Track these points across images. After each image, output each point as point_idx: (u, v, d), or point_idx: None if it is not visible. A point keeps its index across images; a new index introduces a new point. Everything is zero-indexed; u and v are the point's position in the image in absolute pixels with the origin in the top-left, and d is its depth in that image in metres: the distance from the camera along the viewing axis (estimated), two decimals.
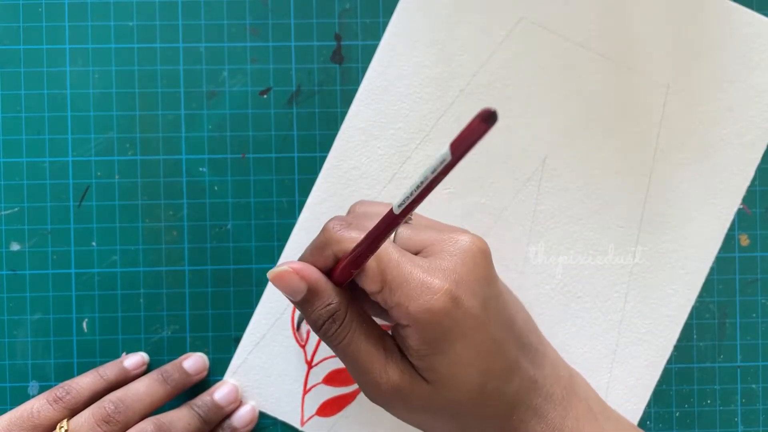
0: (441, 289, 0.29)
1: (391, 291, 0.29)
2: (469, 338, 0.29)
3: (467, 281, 0.29)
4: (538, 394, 0.32)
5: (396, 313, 0.29)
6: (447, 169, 0.23)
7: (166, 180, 0.38)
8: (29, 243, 0.37)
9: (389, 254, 0.29)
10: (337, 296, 0.30)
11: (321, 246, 0.30)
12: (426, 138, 0.38)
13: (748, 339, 0.39)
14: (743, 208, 0.39)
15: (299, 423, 0.38)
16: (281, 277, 0.30)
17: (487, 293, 0.30)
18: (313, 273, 0.30)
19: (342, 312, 0.30)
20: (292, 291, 0.30)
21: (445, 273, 0.29)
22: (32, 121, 0.37)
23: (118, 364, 0.36)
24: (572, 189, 0.38)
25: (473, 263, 0.30)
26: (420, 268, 0.29)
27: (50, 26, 0.37)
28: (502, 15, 0.38)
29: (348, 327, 0.30)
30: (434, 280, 0.29)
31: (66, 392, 0.33)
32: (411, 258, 0.30)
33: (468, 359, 0.29)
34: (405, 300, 0.29)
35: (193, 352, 0.37)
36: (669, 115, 0.38)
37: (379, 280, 0.29)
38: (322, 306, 0.30)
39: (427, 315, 0.28)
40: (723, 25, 0.38)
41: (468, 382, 0.30)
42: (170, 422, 0.33)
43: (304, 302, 0.30)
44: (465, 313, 0.29)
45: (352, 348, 0.30)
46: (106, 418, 0.32)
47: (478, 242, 0.30)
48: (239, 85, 0.38)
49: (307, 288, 0.30)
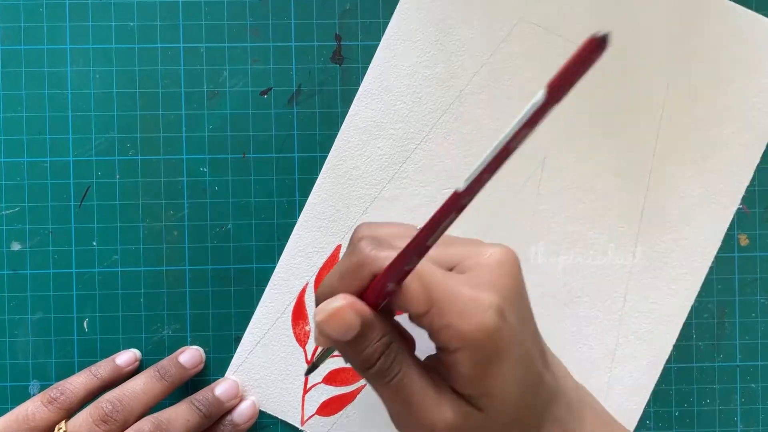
0: (492, 305, 0.26)
1: (440, 311, 0.26)
2: (513, 354, 0.27)
3: (508, 294, 0.27)
4: (560, 405, 0.30)
5: (445, 335, 0.26)
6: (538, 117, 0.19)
7: (167, 180, 0.38)
8: (30, 243, 0.37)
9: (431, 271, 0.26)
10: (387, 326, 0.27)
11: (355, 268, 0.27)
12: (426, 138, 0.38)
13: (747, 338, 0.39)
14: (743, 208, 0.39)
15: (299, 422, 0.38)
16: (335, 315, 0.26)
17: (522, 306, 0.28)
18: (363, 305, 0.26)
19: (396, 343, 0.27)
20: (346, 330, 0.26)
21: (489, 287, 0.27)
22: (33, 121, 0.37)
23: (110, 362, 0.36)
24: (572, 189, 0.38)
25: (509, 275, 0.28)
26: (466, 284, 0.26)
27: (51, 26, 0.37)
28: (501, 15, 0.38)
29: (401, 360, 0.27)
30: (483, 294, 0.26)
31: (60, 393, 0.33)
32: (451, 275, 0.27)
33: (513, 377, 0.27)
34: (457, 319, 0.26)
35: (188, 345, 0.37)
36: (669, 115, 0.38)
37: (424, 301, 0.26)
38: (376, 339, 0.27)
39: (482, 333, 0.26)
40: (723, 25, 0.38)
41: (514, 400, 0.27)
42: (168, 420, 0.33)
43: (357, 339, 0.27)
44: (509, 328, 0.27)
45: (405, 383, 0.27)
46: (104, 418, 0.32)
47: (511, 253, 0.28)
48: (240, 85, 0.38)
49: (361, 323, 0.26)
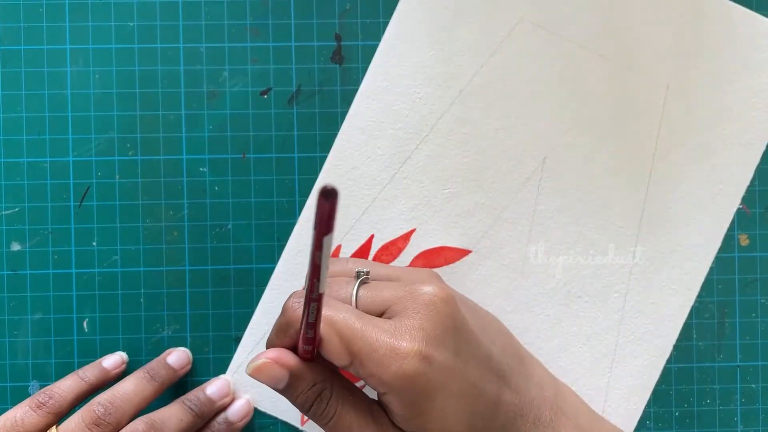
0: (410, 352, 0.28)
1: (361, 363, 0.28)
2: (448, 390, 0.29)
3: (435, 335, 0.29)
4: (526, 421, 0.32)
5: (371, 383, 0.29)
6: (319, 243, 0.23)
7: (167, 180, 0.38)
8: (30, 243, 0.37)
9: (350, 325, 0.28)
10: (320, 375, 0.30)
11: (283, 327, 0.30)
12: (426, 138, 0.38)
13: (748, 339, 0.39)
14: (743, 208, 0.39)
15: (299, 423, 0.38)
16: (261, 370, 0.29)
17: (457, 341, 0.30)
18: (290, 358, 0.29)
19: (327, 390, 0.30)
20: (275, 381, 0.29)
21: (411, 332, 0.28)
22: (33, 121, 0.37)
23: (97, 365, 0.36)
24: (572, 189, 0.38)
25: (438, 315, 0.29)
26: (385, 332, 0.29)
27: (51, 26, 0.37)
28: (502, 15, 0.38)
29: (335, 403, 0.30)
30: (402, 342, 0.28)
31: (49, 397, 0.33)
32: (374, 323, 0.29)
33: (452, 410, 0.29)
34: (376, 369, 0.28)
35: (174, 347, 0.37)
36: (669, 115, 0.38)
37: (345, 355, 0.28)
38: (306, 388, 0.30)
39: (402, 381, 0.28)
40: (723, 25, 0.38)
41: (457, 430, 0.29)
42: (162, 420, 0.33)
43: (289, 388, 0.30)
44: (439, 368, 0.28)
45: (342, 424, 0.30)
46: (96, 421, 0.32)
47: (440, 292, 0.30)
48: (240, 86, 0.38)
49: (288, 375, 0.29)
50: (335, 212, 0.22)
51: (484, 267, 0.38)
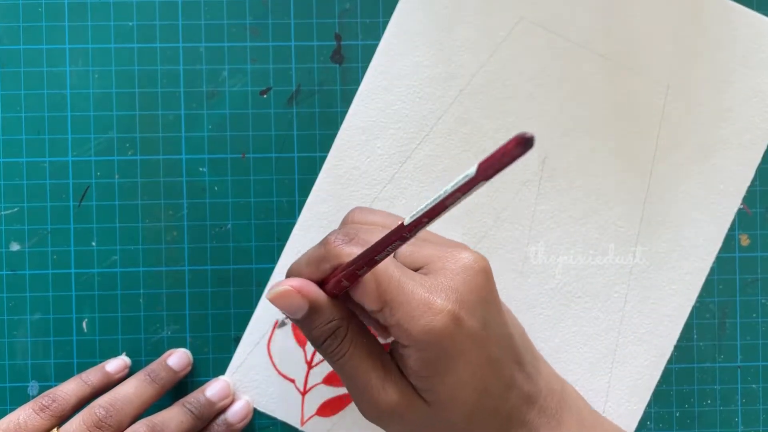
0: (443, 310, 0.28)
1: (392, 311, 0.28)
2: (468, 358, 0.29)
3: (469, 301, 0.29)
4: (532, 409, 0.32)
5: (396, 332, 0.29)
6: (468, 187, 0.22)
7: (166, 180, 0.38)
8: (29, 243, 0.37)
9: (389, 272, 0.29)
10: (338, 312, 0.30)
11: (319, 259, 0.30)
12: (426, 138, 0.38)
13: (749, 339, 0.39)
14: (743, 208, 0.39)
15: (299, 423, 0.38)
16: (283, 296, 0.29)
17: (487, 312, 0.30)
18: (314, 290, 0.29)
19: (343, 329, 0.30)
20: (294, 310, 0.29)
21: (447, 292, 0.28)
22: (32, 121, 0.37)
23: (100, 369, 0.36)
24: (572, 189, 0.38)
25: (475, 282, 0.29)
26: (421, 286, 0.29)
27: (50, 26, 0.37)
28: (502, 15, 0.38)
29: (348, 343, 0.30)
30: (436, 299, 0.28)
31: (52, 400, 0.33)
32: (412, 276, 0.29)
33: (467, 379, 0.29)
34: (406, 320, 0.28)
35: (175, 348, 0.37)
36: (669, 115, 0.38)
37: (378, 300, 0.28)
38: (324, 323, 0.30)
39: (429, 336, 0.28)
40: (723, 25, 0.38)
41: (466, 401, 0.30)
42: (162, 422, 0.33)
43: (305, 319, 0.30)
44: (466, 333, 0.29)
45: (351, 364, 0.30)
46: (97, 423, 0.32)
47: (480, 260, 0.30)
48: (239, 85, 0.38)
49: (308, 306, 0.29)
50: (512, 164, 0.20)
51: None
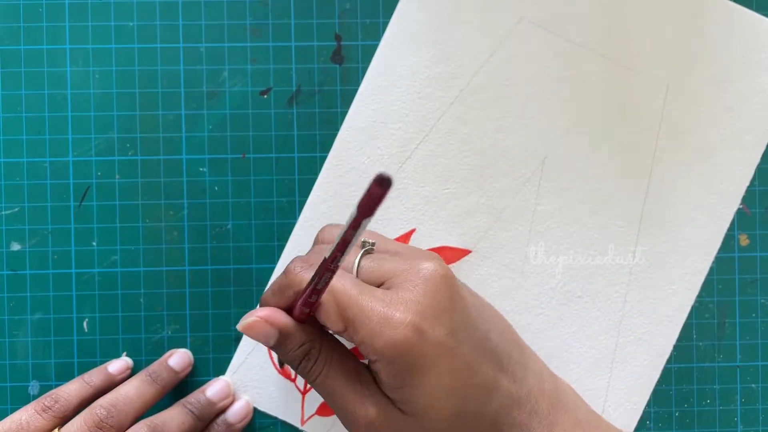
0: (403, 322, 0.28)
1: (354, 329, 0.29)
2: (440, 367, 0.29)
3: (431, 310, 0.29)
4: (522, 411, 0.32)
5: (363, 349, 0.29)
6: (356, 224, 0.24)
7: (167, 180, 0.38)
8: (30, 243, 0.37)
9: (347, 292, 0.29)
10: (308, 335, 0.31)
11: (282, 288, 0.31)
12: (426, 138, 0.38)
13: (748, 339, 0.39)
14: (743, 208, 0.39)
15: (299, 422, 0.38)
16: (251, 327, 0.30)
17: (454, 319, 0.30)
18: (281, 317, 0.31)
19: (316, 350, 0.31)
20: (265, 338, 0.31)
21: (407, 305, 0.29)
22: (33, 121, 0.37)
23: (102, 369, 0.36)
24: (572, 189, 0.38)
25: (436, 291, 0.30)
26: (381, 302, 0.29)
27: (51, 26, 0.37)
28: (502, 15, 0.38)
29: (323, 363, 0.31)
30: (395, 313, 0.29)
31: (54, 401, 0.33)
32: (371, 292, 0.30)
33: (442, 388, 0.29)
34: (368, 337, 0.29)
35: (176, 348, 0.37)
36: (669, 115, 0.38)
37: (340, 320, 0.29)
38: (295, 347, 0.31)
39: (392, 350, 0.28)
40: (723, 25, 0.38)
41: (445, 409, 0.30)
42: (164, 422, 0.33)
43: (278, 346, 0.31)
44: (431, 342, 0.29)
45: (327, 383, 0.31)
46: (98, 424, 0.32)
47: (440, 269, 0.30)
48: (239, 85, 0.38)
49: (278, 333, 0.30)
50: (383, 201, 0.23)
51: (484, 267, 0.38)
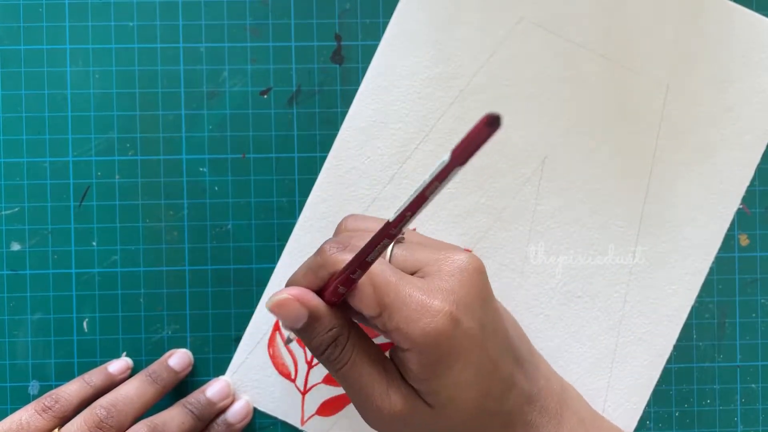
0: (441, 311, 0.28)
1: (390, 315, 0.28)
2: (468, 359, 0.29)
3: (466, 302, 0.29)
4: (533, 408, 0.32)
5: (395, 336, 0.29)
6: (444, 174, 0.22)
7: (167, 180, 0.38)
8: (30, 243, 0.37)
9: (386, 277, 0.29)
10: (338, 320, 0.30)
11: (316, 267, 0.30)
12: (426, 138, 0.38)
13: (748, 339, 0.39)
14: (743, 208, 0.39)
15: (299, 422, 0.38)
16: (282, 305, 0.29)
17: (484, 313, 0.30)
18: (313, 298, 0.29)
19: (344, 336, 0.30)
20: (293, 319, 0.29)
21: (443, 294, 0.29)
22: (33, 121, 0.37)
23: (102, 370, 0.36)
24: (572, 189, 0.38)
25: (470, 283, 0.29)
26: (418, 289, 0.29)
27: (51, 26, 0.37)
28: (502, 15, 0.38)
29: (350, 351, 0.30)
30: (433, 301, 0.28)
31: (54, 401, 0.33)
32: (408, 279, 0.29)
33: (468, 381, 0.29)
34: (404, 324, 0.28)
35: (176, 348, 0.37)
36: (669, 115, 0.38)
37: (376, 305, 0.29)
38: (324, 331, 0.30)
39: (428, 338, 0.28)
40: (723, 25, 0.38)
41: (468, 403, 0.30)
42: (164, 423, 0.33)
43: (306, 328, 0.30)
44: (464, 334, 0.29)
45: (354, 372, 0.30)
46: (98, 424, 0.32)
47: (474, 261, 0.30)
48: (239, 85, 0.38)
49: (308, 314, 0.29)
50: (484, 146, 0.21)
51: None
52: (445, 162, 0.22)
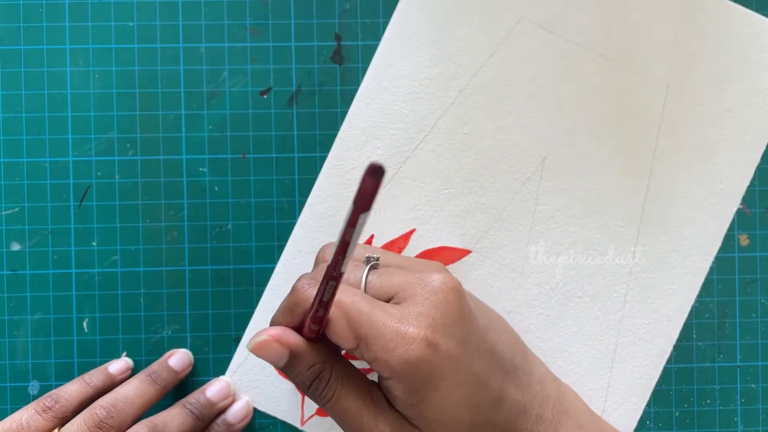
0: (417, 337, 0.28)
1: (367, 346, 0.29)
2: (452, 380, 0.29)
3: (442, 323, 0.29)
4: (528, 417, 0.32)
5: (375, 366, 0.29)
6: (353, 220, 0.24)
7: (167, 180, 0.38)
8: (30, 243, 0.37)
9: (358, 309, 0.29)
10: (319, 356, 0.30)
11: (291, 307, 0.30)
12: (426, 138, 0.38)
13: (748, 339, 0.39)
14: (743, 208, 0.39)
15: (299, 422, 0.38)
16: (262, 347, 0.30)
17: (464, 331, 0.30)
18: (292, 337, 0.30)
19: (327, 371, 0.30)
20: (275, 358, 0.30)
21: (418, 319, 0.29)
22: (33, 121, 0.37)
23: (103, 370, 0.36)
24: (572, 189, 0.38)
25: (446, 304, 0.29)
26: (393, 317, 0.29)
27: (51, 26, 0.37)
28: (502, 15, 0.38)
29: (334, 384, 0.30)
30: (408, 328, 0.28)
31: (54, 401, 0.33)
32: (382, 308, 0.29)
33: (454, 400, 0.29)
34: (382, 354, 0.28)
35: (176, 348, 0.37)
36: (669, 115, 0.38)
37: (352, 338, 0.29)
38: (305, 368, 0.30)
39: (407, 366, 0.28)
40: (723, 25, 0.38)
41: (458, 422, 0.30)
42: (164, 423, 0.33)
43: (288, 367, 0.30)
44: (444, 356, 0.29)
45: (340, 406, 0.30)
46: (98, 424, 0.32)
47: (449, 281, 0.30)
48: (239, 85, 0.38)
49: (288, 353, 0.30)
50: (378, 191, 0.23)
51: (484, 267, 0.38)
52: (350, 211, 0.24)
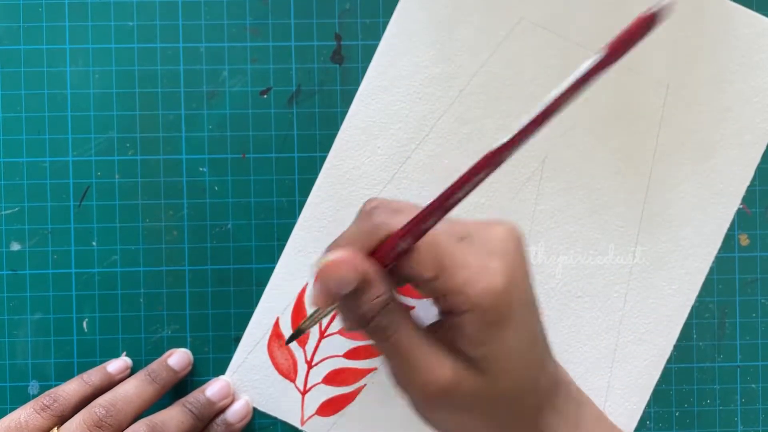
0: (500, 270, 0.27)
1: (451, 276, 0.27)
2: (519, 326, 0.28)
3: (515, 265, 0.28)
4: (558, 394, 0.31)
5: (453, 299, 0.27)
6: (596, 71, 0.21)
7: (167, 180, 0.38)
8: (29, 243, 0.37)
9: (442, 238, 0.28)
10: (387, 286, 0.28)
11: (368, 231, 0.28)
12: (426, 138, 0.38)
13: (748, 339, 0.39)
14: (743, 207, 0.39)
15: (299, 422, 0.38)
16: (333, 267, 0.27)
17: (526, 279, 0.29)
18: (365, 261, 0.27)
19: (395, 302, 0.28)
20: (342, 283, 0.27)
21: (499, 255, 0.28)
22: (32, 121, 0.37)
23: (101, 369, 0.36)
24: (572, 189, 0.38)
25: (518, 250, 0.29)
26: (475, 250, 0.28)
27: (50, 26, 0.37)
28: (502, 15, 0.38)
29: (399, 318, 0.28)
30: (492, 262, 0.27)
31: (53, 400, 0.33)
32: (465, 242, 0.28)
33: (517, 349, 0.28)
34: (464, 284, 0.27)
35: (176, 348, 0.37)
36: (669, 115, 0.38)
37: (435, 267, 0.27)
38: (374, 297, 0.28)
39: (489, 297, 0.27)
40: (723, 25, 0.38)
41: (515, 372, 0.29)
42: (163, 422, 0.33)
43: (354, 295, 0.28)
44: (520, 296, 0.28)
45: (403, 342, 0.28)
46: (97, 423, 0.32)
47: (516, 230, 0.29)
48: (239, 85, 0.38)
49: (357, 279, 0.27)
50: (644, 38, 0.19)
51: None
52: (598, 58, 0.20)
